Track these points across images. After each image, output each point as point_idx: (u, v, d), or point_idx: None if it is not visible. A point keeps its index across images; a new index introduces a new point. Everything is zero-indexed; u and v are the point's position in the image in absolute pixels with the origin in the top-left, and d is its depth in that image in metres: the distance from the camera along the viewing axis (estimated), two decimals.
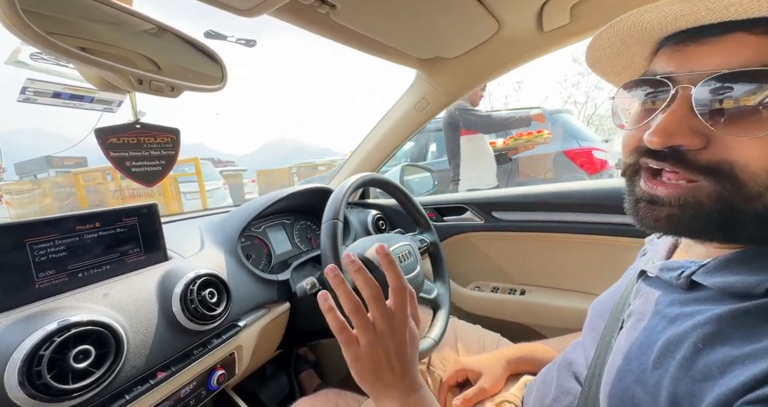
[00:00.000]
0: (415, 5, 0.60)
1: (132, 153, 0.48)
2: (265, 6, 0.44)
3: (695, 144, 0.27)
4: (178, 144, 0.53)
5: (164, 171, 0.51)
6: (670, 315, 0.31)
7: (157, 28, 0.46)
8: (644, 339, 0.32)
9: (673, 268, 0.34)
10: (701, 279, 0.30)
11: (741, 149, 0.26)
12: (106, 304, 0.48)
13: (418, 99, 1.00)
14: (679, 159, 0.28)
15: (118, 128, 0.46)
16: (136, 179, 0.48)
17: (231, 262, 0.71)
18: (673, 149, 0.28)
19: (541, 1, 0.65)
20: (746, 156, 0.26)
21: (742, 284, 0.27)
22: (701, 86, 0.26)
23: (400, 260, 0.78)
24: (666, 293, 0.34)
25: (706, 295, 0.30)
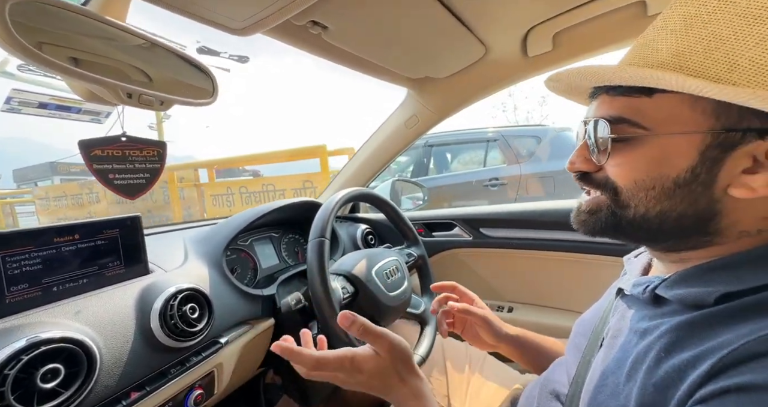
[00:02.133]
0: (405, 28, 0.63)
1: (116, 166, 0.47)
2: (257, 26, 0.45)
3: (589, 168, 0.37)
4: (164, 158, 0.52)
5: (148, 184, 0.51)
6: (640, 329, 0.34)
7: (149, 43, 0.47)
8: (620, 355, 0.34)
9: (641, 283, 0.37)
10: (663, 293, 0.34)
11: (611, 170, 0.35)
12: (80, 320, 0.46)
13: (408, 116, 1.02)
14: (583, 178, 0.38)
15: (102, 140, 0.46)
16: (118, 191, 0.48)
17: (215, 276, 0.69)
18: (580, 172, 0.39)
19: (525, 29, 0.69)
20: (614, 175, 0.35)
21: (696, 295, 0.30)
22: (587, 128, 0.36)
23: (387, 276, 0.77)
24: (638, 309, 0.37)
25: (670, 309, 0.33)
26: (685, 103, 0.30)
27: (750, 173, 0.29)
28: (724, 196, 0.30)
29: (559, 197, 3.03)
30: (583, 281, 1.00)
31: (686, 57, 0.29)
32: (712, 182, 0.30)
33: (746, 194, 0.29)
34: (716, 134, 0.29)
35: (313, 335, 0.69)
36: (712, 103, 0.29)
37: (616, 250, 0.90)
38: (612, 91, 0.34)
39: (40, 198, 5.85)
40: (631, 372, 0.31)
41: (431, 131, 1.10)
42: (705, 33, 0.29)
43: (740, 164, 0.29)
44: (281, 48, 19.35)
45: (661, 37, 0.31)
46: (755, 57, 0.27)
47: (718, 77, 0.28)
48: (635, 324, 0.35)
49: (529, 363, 0.63)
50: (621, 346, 0.35)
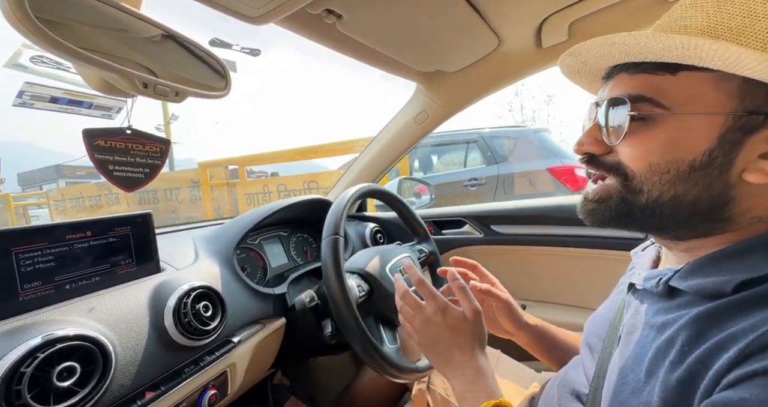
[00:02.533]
0: (419, 19, 0.62)
1: (117, 158, 0.46)
2: (273, 14, 0.44)
3: (599, 150, 0.36)
4: (166, 155, 0.52)
5: (146, 179, 0.50)
6: (657, 323, 0.33)
7: (164, 34, 0.46)
8: (638, 351, 0.33)
9: (653, 276, 0.36)
10: (677, 284, 0.33)
11: (624, 152, 0.33)
12: (95, 318, 0.45)
13: (417, 112, 1.01)
14: (591, 161, 0.36)
15: (107, 131, 0.45)
16: (116, 182, 0.47)
17: (226, 274, 0.68)
18: (588, 155, 0.37)
19: (541, 18, 0.68)
20: (627, 158, 0.33)
21: (714, 284, 0.29)
22: (600, 108, 0.35)
23: (401, 273, 0.76)
24: (652, 303, 0.36)
25: (686, 300, 0.32)
26: (710, 82, 0.29)
27: (766, 158, 0.28)
28: (739, 181, 0.29)
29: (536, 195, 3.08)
30: (597, 277, 0.98)
31: (718, 33, 0.28)
32: (728, 167, 0.29)
33: (762, 178, 0.28)
34: (738, 116, 0.28)
35: (326, 333, 0.68)
36: (738, 83, 0.28)
37: (630, 244, 0.88)
38: (633, 69, 0.32)
39: (56, 200, 5.81)
40: (652, 367, 0.31)
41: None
42: (738, 9, 0.28)
43: (758, 148, 0.28)
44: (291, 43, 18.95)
45: (689, 14, 0.31)
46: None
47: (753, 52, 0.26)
48: (651, 318, 0.34)
49: (545, 354, 0.61)
50: (638, 342, 0.34)
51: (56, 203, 5.78)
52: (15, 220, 5.60)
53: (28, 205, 6.48)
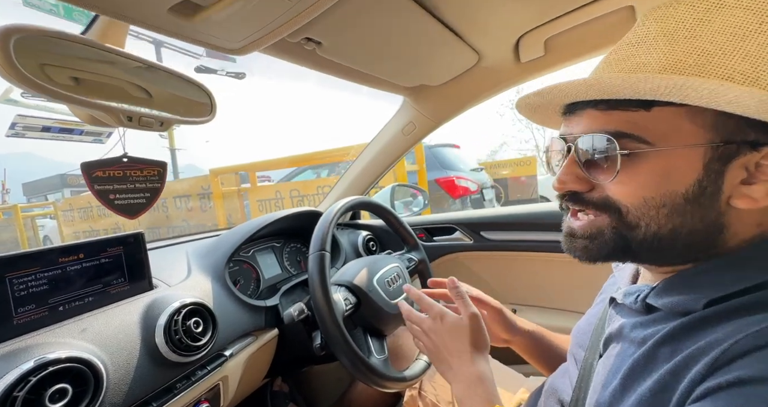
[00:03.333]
0: (397, 40, 0.64)
1: (117, 186, 0.48)
2: (253, 45, 0.47)
3: (582, 188, 0.35)
4: (164, 177, 0.53)
5: (148, 203, 0.52)
6: (637, 338, 0.34)
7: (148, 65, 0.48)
8: (617, 364, 0.34)
9: (631, 293, 0.38)
10: (653, 301, 0.34)
11: (614, 189, 0.33)
12: (86, 338, 0.47)
13: (405, 123, 1.03)
14: (576, 199, 0.36)
15: (105, 161, 0.47)
16: (118, 211, 0.49)
17: (218, 289, 0.70)
18: (571, 193, 0.36)
19: (517, 35, 0.70)
20: (619, 194, 0.33)
21: (684, 303, 0.31)
22: (576, 145, 0.35)
23: (388, 284, 0.78)
24: (631, 317, 0.37)
25: (662, 315, 0.34)
26: (684, 116, 0.30)
27: (747, 184, 0.30)
28: (728, 208, 0.30)
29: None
30: (584, 282, 1.00)
31: (680, 69, 0.29)
32: (717, 195, 0.30)
33: (749, 204, 0.29)
34: (715, 146, 0.29)
35: (316, 345, 0.69)
36: (711, 116, 0.29)
37: None
38: (603, 105, 0.33)
39: (64, 210, 5.77)
40: (628, 381, 0.32)
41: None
42: (691, 48, 0.29)
43: (737, 175, 0.30)
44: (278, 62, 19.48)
45: (642, 51, 0.32)
46: (746, 71, 0.27)
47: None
48: (629, 332, 0.35)
49: (540, 360, 0.62)
50: (617, 355, 0.35)
51: (64, 213, 5.78)
52: (23, 231, 5.62)
53: (36, 215, 6.48)
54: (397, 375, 0.67)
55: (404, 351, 0.93)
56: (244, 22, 0.42)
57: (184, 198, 4.60)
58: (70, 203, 5.84)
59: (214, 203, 4.19)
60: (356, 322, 0.73)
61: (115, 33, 0.41)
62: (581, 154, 0.34)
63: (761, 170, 0.29)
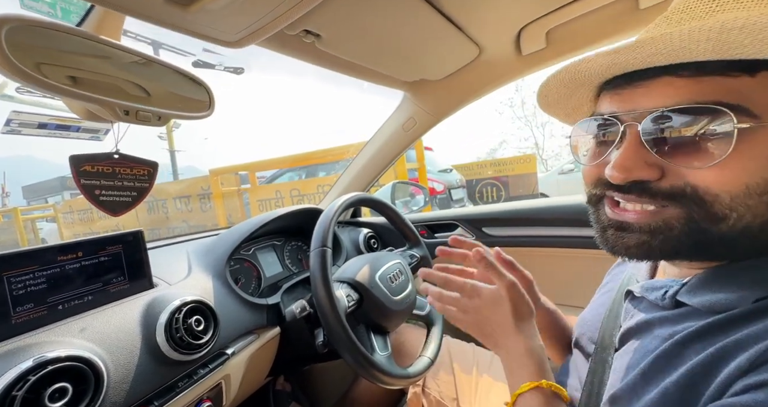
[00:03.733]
0: (397, 33, 0.63)
1: (104, 182, 0.47)
2: (251, 38, 0.46)
3: (653, 175, 0.29)
4: (154, 178, 0.52)
5: (133, 202, 0.51)
6: (663, 334, 0.32)
7: (145, 59, 0.47)
8: (637, 358, 0.33)
9: (656, 288, 0.35)
10: (685, 299, 0.32)
11: (696, 174, 0.28)
12: (86, 337, 0.46)
13: (405, 119, 1.02)
14: (643, 190, 0.30)
15: (94, 156, 0.46)
16: (102, 207, 0.48)
17: (219, 287, 0.70)
18: (635, 182, 0.30)
19: (518, 27, 0.69)
20: (704, 181, 0.27)
21: (726, 301, 0.28)
22: (646, 123, 0.28)
23: (391, 281, 0.77)
24: (655, 312, 0.35)
25: (691, 310, 0.31)
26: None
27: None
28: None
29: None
30: (586, 276, 0.99)
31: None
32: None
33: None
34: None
35: (318, 342, 0.69)
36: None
37: None
38: (685, 71, 0.26)
39: (64, 212, 5.77)
40: (650, 374, 0.30)
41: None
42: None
43: None
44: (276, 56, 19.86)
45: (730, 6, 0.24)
46: None
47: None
48: (656, 328, 0.33)
49: (553, 340, 0.59)
50: (638, 351, 0.34)
51: (64, 215, 5.77)
52: (24, 234, 5.61)
53: (35, 218, 6.47)
54: (401, 372, 0.67)
55: (407, 348, 0.93)
56: (241, 13, 0.41)
57: (184, 199, 4.58)
58: (70, 206, 5.84)
59: (214, 203, 4.17)
60: (359, 319, 0.72)
61: (111, 25, 0.40)
62: (656, 133, 0.28)
63: None
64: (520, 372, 0.41)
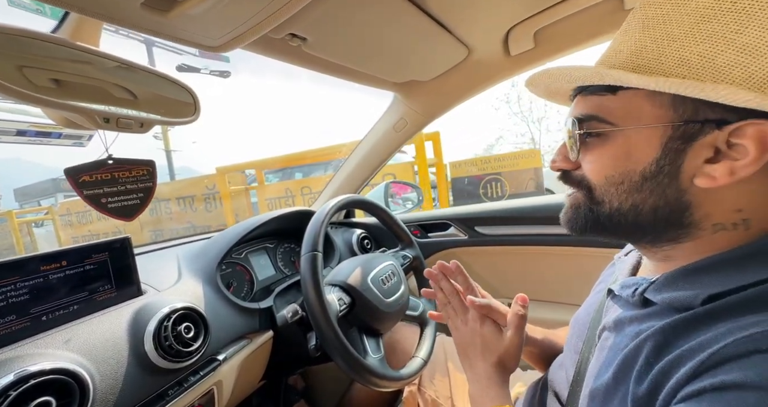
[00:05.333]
0: (385, 35, 0.63)
1: (107, 189, 0.47)
2: (234, 42, 0.45)
3: (568, 166, 0.39)
4: (154, 175, 0.52)
5: (143, 203, 0.51)
6: (631, 333, 0.34)
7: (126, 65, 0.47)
8: (611, 357, 0.34)
9: (629, 285, 0.37)
10: (651, 296, 0.34)
11: (585, 168, 0.36)
12: (71, 348, 0.45)
13: (396, 120, 1.02)
14: (566, 178, 0.40)
15: (89, 165, 0.45)
16: (115, 215, 0.47)
17: (209, 293, 0.69)
18: (562, 171, 0.40)
19: (506, 28, 0.69)
20: (588, 172, 0.36)
21: (683, 298, 0.31)
22: (566, 127, 0.38)
23: (383, 282, 0.77)
24: (627, 310, 0.37)
25: (657, 310, 0.33)
26: (645, 98, 0.31)
27: (712, 163, 0.30)
28: (691, 187, 0.31)
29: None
30: (580, 274, 1.00)
31: (641, 55, 0.31)
32: (677, 173, 0.31)
33: (708, 183, 0.30)
34: (676, 126, 0.30)
35: (311, 346, 0.69)
36: (668, 96, 0.30)
37: (608, 243, 0.90)
38: (585, 91, 0.36)
39: (62, 214, 5.61)
40: (620, 375, 0.32)
41: None
42: (659, 34, 0.30)
43: (702, 154, 0.30)
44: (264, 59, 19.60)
45: (623, 40, 0.34)
46: (703, 52, 0.28)
47: (669, 72, 0.29)
48: (626, 326, 0.35)
49: (543, 364, 0.61)
50: (611, 348, 0.35)
51: (62, 217, 5.63)
52: (19, 238, 5.49)
53: (31, 221, 6.30)
54: (393, 374, 0.67)
55: (401, 347, 0.93)
56: (223, 18, 0.40)
57: (188, 199, 4.46)
58: (67, 208, 5.71)
59: (222, 203, 4.04)
60: (351, 322, 0.72)
61: (88, 31, 0.39)
62: (566, 135, 0.37)
63: (733, 148, 0.29)
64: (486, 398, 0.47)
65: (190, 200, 4.48)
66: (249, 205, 4.00)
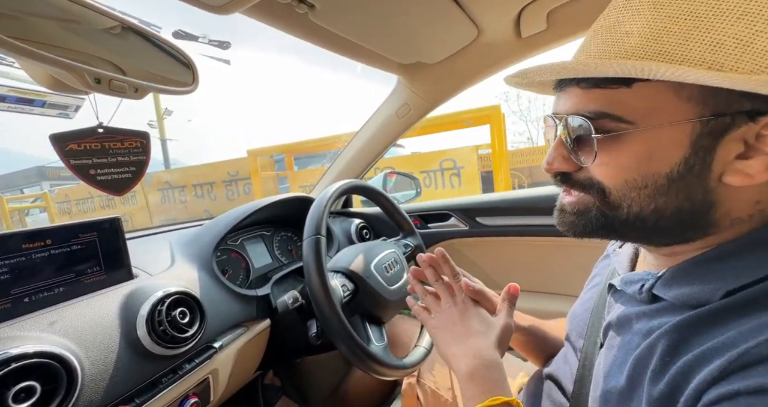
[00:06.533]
0: (396, 8, 0.60)
1: (96, 160, 0.43)
2: (238, 3, 0.42)
3: (569, 168, 0.34)
4: (148, 148, 0.48)
5: (135, 178, 0.47)
6: (642, 330, 0.32)
7: (122, 26, 0.43)
8: (621, 356, 0.33)
9: (634, 281, 0.36)
10: (660, 293, 0.32)
11: (597, 170, 0.32)
12: (57, 331, 0.42)
13: (399, 105, 0.99)
14: (565, 180, 0.35)
15: (77, 133, 0.41)
16: (103, 188, 0.44)
17: (205, 278, 0.66)
18: (559, 173, 0.35)
19: (519, 7, 0.66)
20: (601, 176, 0.32)
21: (698, 295, 0.29)
22: (563, 125, 0.33)
23: (386, 270, 0.75)
24: (632, 306, 0.35)
25: (667, 305, 0.32)
26: (668, 90, 0.27)
27: (743, 158, 0.27)
28: (719, 185, 0.28)
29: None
30: (580, 265, 0.99)
31: (663, 40, 0.26)
32: (706, 172, 0.28)
33: (743, 180, 0.27)
34: (705, 121, 0.27)
35: (311, 334, 0.66)
36: (697, 88, 0.26)
37: None
38: (584, 83, 0.31)
39: (59, 202, 5.32)
40: (635, 376, 0.30)
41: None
42: (678, 11, 0.26)
43: (732, 149, 0.27)
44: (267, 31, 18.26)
45: (628, 17, 0.28)
46: (739, 34, 0.24)
47: (702, 59, 0.25)
48: (634, 323, 0.34)
49: (536, 354, 0.60)
50: (620, 347, 0.34)
51: (59, 205, 5.35)
52: (11, 226, 5.20)
53: (23, 208, 5.88)
54: (397, 362, 0.65)
55: (402, 339, 0.91)
56: None
57: (207, 186, 4.21)
58: (66, 194, 5.43)
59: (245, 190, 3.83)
60: (354, 309, 0.70)
61: None
62: (565, 134, 0.33)
63: (763, 141, 0.26)
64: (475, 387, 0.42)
65: (208, 186, 4.24)
66: (277, 192, 3.80)
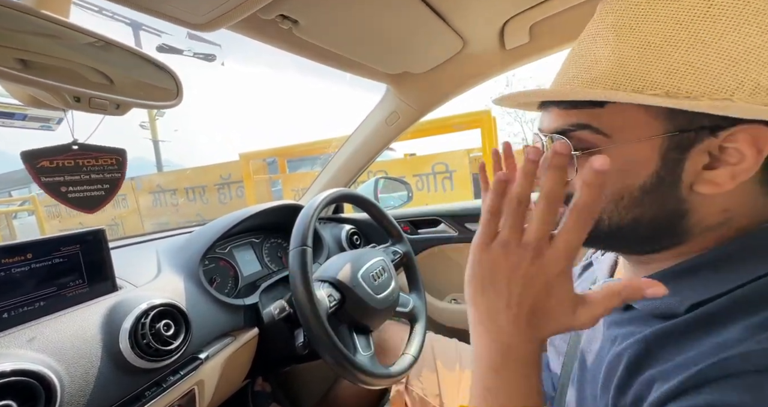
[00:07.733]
0: (380, 22, 0.60)
1: (68, 177, 0.43)
2: (221, 20, 0.42)
3: None
4: (124, 166, 0.48)
5: (108, 195, 0.47)
6: (611, 337, 0.34)
7: (100, 40, 0.43)
8: (596, 364, 0.34)
9: None
10: (632, 302, 0.33)
11: (574, 184, 0.33)
12: (36, 348, 0.42)
13: (388, 113, 1.00)
14: None
15: (50, 150, 0.41)
16: (75, 206, 0.43)
17: (191, 289, 0.66)
18: None
19: (502, 20, 0.68)
20: None
21: (666, 306, 0.30)
22: (545, 140, 0.35)
23: (374, 279, 0.76)
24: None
25: (637, 314, 0.33)
26: (639, 108, 0.30)
27: (710, 169, 0.29)
28: (691, 194, 0.30)
29: None
30: None
31: (628, 66, 0.29)
32: (677, 183, 0.30)
33: (712, 189, 0.29)
34: (672, 136, 0.29)
35: (298, 344, 0.66)
36: (663, 107, 0.29)
37: None
38: (563, 104, 0.34)
39: (48, 206, 5.14)
40: (606, 383, 0.31)
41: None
42: (636, 41, 0.29)
43: (699, 161, 0.29)
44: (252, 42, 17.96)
45: (598, 45, 0.32)
46: (692, 61, 0.27)
47: (661, 84, 0.28)
48: (606, 330, 0.35)
49: None
50: (596, 354, 0.35)
51: (48, 208, 5.20)
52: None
53: (10, 212, 5.68)
54: (383, 371, 0.65)
55: (390, 344, 0.92)
56: None
57: (198, 189, 4.16)
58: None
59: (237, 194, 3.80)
60: (341, 319, 0.70)
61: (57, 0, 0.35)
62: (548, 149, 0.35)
63: (726, 152, 0.28)
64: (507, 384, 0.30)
65: (200, 190, 4.19)
66: (270, 195, 3.70)
